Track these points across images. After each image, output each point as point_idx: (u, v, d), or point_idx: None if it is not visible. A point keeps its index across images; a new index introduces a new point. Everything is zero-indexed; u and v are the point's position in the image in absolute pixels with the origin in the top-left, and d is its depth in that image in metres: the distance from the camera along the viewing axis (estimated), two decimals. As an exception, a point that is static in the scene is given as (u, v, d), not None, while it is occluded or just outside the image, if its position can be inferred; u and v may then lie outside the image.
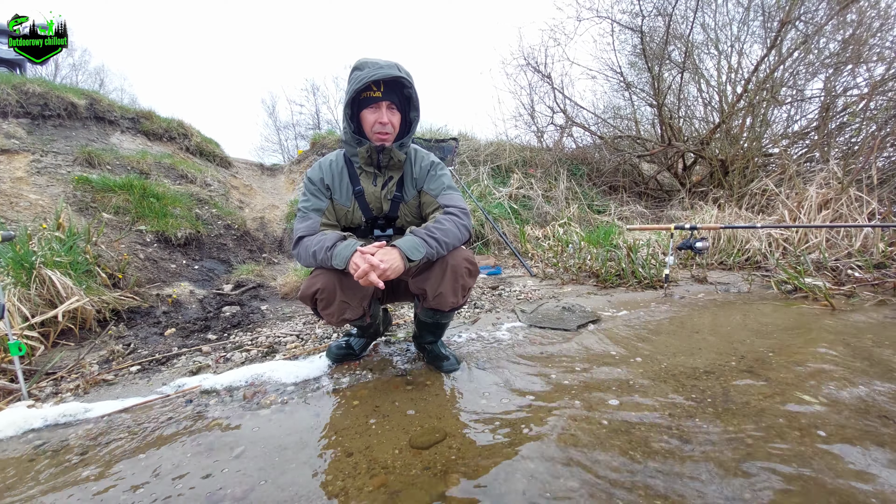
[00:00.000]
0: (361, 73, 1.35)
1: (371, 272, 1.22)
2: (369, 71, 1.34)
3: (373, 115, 1.41)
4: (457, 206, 1.47)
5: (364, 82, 1.33)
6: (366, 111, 1.42)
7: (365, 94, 1.40)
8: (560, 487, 0.97)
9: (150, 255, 3.29)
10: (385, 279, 1.24)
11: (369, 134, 1.45)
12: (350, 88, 1.37)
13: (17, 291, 2.10)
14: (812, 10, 4.99)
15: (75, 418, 1.40)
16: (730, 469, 1.01)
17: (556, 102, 6.94)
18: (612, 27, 6.27)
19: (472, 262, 1.46)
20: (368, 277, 1.22)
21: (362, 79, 1.33)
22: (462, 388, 1.52)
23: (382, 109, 1.40)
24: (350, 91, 1.37)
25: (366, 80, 1.32)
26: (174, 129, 5.92)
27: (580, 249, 4.05)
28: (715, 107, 6.07)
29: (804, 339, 1.92)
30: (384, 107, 1.41)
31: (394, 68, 1.36)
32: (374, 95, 1.39)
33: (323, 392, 1.53)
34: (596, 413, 1.30)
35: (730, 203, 4.99)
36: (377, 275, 1.22)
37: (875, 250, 3.27)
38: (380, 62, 1.37)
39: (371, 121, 1.42)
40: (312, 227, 1.46)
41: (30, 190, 3.49)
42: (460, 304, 1.51)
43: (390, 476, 1.03)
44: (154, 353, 2.07)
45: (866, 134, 4.58)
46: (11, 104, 4.41)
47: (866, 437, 1.13)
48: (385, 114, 1.41)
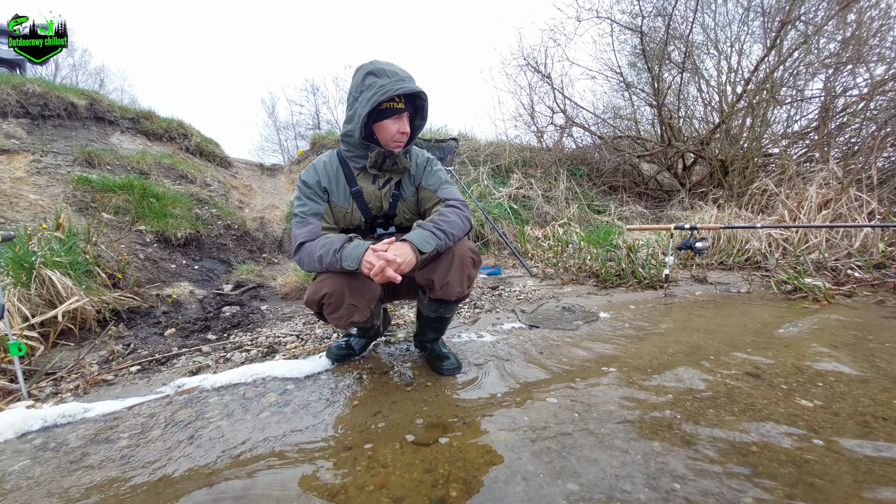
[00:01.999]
0: (381, 82, 1.34)
1: (387, 268, 1.21)
2: (391, 82, 1.33)
3: (395, 126, 1.42)
4: (457, 198, 1.50)
5: (389, 94, 1.32)
6: (387, 121, 1.42)
7: (387, 105, 1.39)
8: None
9: (150, 255, 3.29)
10: (401, 273, 1.24)
11: (386, 141, 1.44)
12: (370, 96, 1.34)
13: (17, 291, 2.10)
14: (812, 10, 5.00)
15: (75, 418, 1.40)
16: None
17: (555, 102, 6.95)
18: (612, 27, 6.27)
19: (476, 253, 1.48)
20: (385, 273, 1.21)
21: (386, 90, 1.32)
22: (462, 387, 1.52)
23: (404, 120, 1.42)
24: (373, 100, 1.33)
25: (392, 93, 1.32)
26: (174, 129, 5.93)
27: (580, 249, 4.05)
28: (715, 107, 6.07)
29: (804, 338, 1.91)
30: (405, 117, 1.43)
31: (413, 81, 1.38)
32: (398, 107, 1.40)
33: (323, 392, 1.53)
34: (593, 412, 1.30)
35: (730, 203, 4.99)
36: (393, 269, 1.22)
37: (875, 250, 3.26)
38: (399, 72, 1.37)
39: (393, 130, 1.42)
40: (313, 231, 1.44)
41: (30, 190, 3.49)
42: (465, 294, 1.51)
43: (391, 476, 1.03)
44: (154, 353, 2.06)
45: (866, 134, 4.58)
46: (11, 104, 4.41)
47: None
48: (406, 124, 1.43)
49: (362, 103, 1.36)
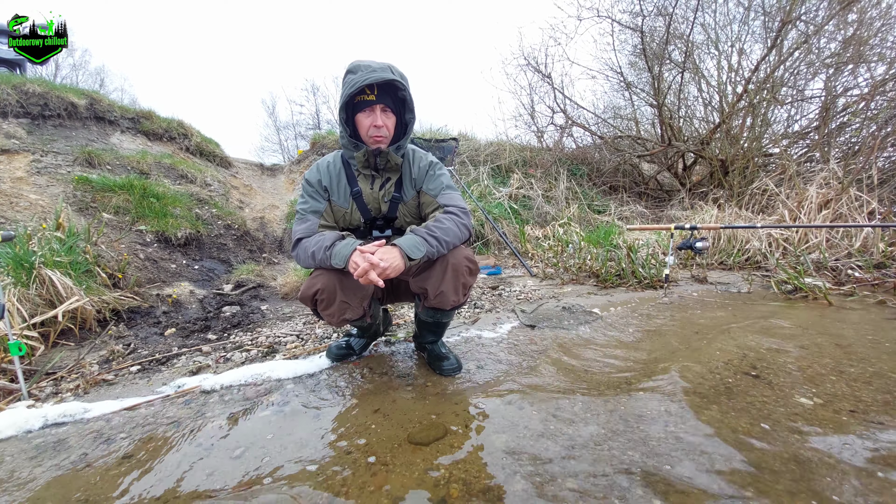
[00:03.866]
0: (355, 77, 1.34)
1: (371, 271, 1.22)
2: (362, 74, 1.33)
3: (367, 119, 1.41)
4: (456, 205, 1.47)
5: (357, 86, 1.32)
6: (360, 115, 1.42)
7: (359, 98, 1.39)
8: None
9: (150, 255, 3.29)
10: (385, 278, 1.23)
11: (365, 138, 1.44)
12: (344, 92, 1.37)
13: (17, 291, 2.10)
14: (813, 9, 4.99)
15: (75, 418, 1.40)
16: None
17: (556, 102, 6.95)
18: (613, 27, 6.27)
19: (473, 261, 1.46)
20: (368, 276, 1.22)
21: (356, 83, 1.32)
22: (462, 387, 1.52)
23: (377, 112, 1.40)
24: (344, 95, 1.36)
25: (359, 84, 1.32)
26: (174, 129, 5.93)
27: (580, 249, 4.05)
28: (715, 107, 6.07)
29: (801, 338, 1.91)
30: (378, 110, 1.40)
31: (387, 70, 1.35)
32: (368, 99, 1.38)
33: (323, 392, 1.53)
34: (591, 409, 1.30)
35: (730, 203, 4.99)
36: (377, 273, 1.22)
37: (875, 250, 3.26)
38: (373, 65, 1.36)
39: (366, 125, 1.41)
40: (311, 228, 1.46)
41: (30, 190, 3.49)
42: (461, 302, 1.51)
43: (391, 475, 1.03)
44: (154, 353, 2.07)
45: (867, 134, 4.58)
46: (11, 104, 4.41)
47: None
48: (379, 117, 1.40)
49: (340, 100, 1.39)
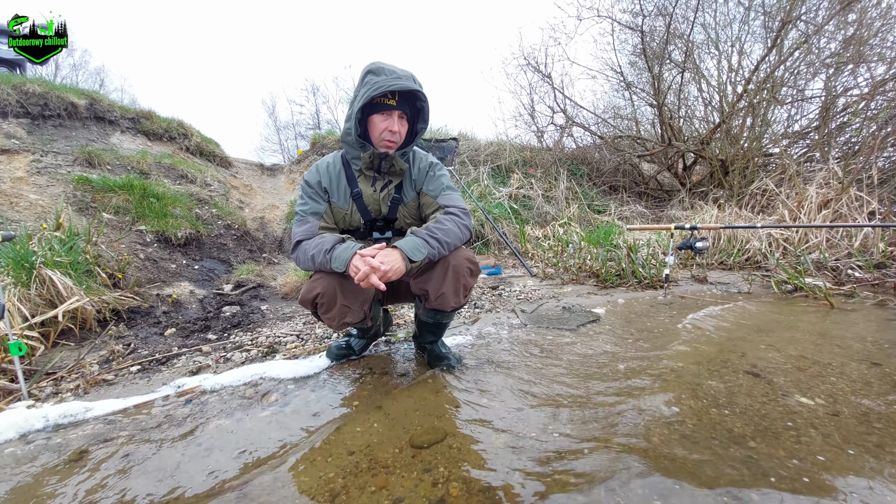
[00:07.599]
0: (378, 80, 1.32)
1: (372, 274, 1.21)
2: (386, 79, 1.31)
3: (383, 123, 1.39)
4: (457, 206, 1.46)
5: (381, 90, 1.30)
6: (376, 116, 1.40)
7: (378, 100, 1.37)
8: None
9: (150, 255, 3.29)
10: (386, 281, 1.22)
11: (375, 140, 1.42)
12: (364, 92, 1.33)
13: (17, 291, 2.10)
14: (813, 9, 5.00)
15: (76, 418, 1.40)
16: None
17: (556, 102, 6.96)
18: (613, 27, 6.28)
19: (474, 262, 1.46)
20: (369, 280, 1.20)
21: (380, 86, 1.30)
22: (462, 387, 1.52)
23: (394, 118, 1.39)
24: (365, 95, 1.32)
25: (384, 89, 1.30)
26: (174, 129, 5.93)
27: (580, 249, 4.05)
28: (715, 106, 6.07)
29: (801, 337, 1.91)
30: (395, 115, 1.39)
31: (411, 80, 1.34)
32: (388, 103, 1.37)
33: (323, 392, 1.53)
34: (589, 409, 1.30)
35: (730, 203, 4.99)
36: (378, 277, 1.21)
37: (875, 250, 3.26)
38: (397, 71, 1.35)
39: (381, 127, 1.40)
40: (310, 230, 1.44)
41: (30, 190, 3.49)
42: (462, 304, 1.50)
43: (391, 475, 1.03)
44: (154, 352, 2.07)
45: (867, 134, 4.58)
46: (11, 104, 4.41)
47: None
48: (396, 123, 1.39)
49: (358, 100, 1.36)
